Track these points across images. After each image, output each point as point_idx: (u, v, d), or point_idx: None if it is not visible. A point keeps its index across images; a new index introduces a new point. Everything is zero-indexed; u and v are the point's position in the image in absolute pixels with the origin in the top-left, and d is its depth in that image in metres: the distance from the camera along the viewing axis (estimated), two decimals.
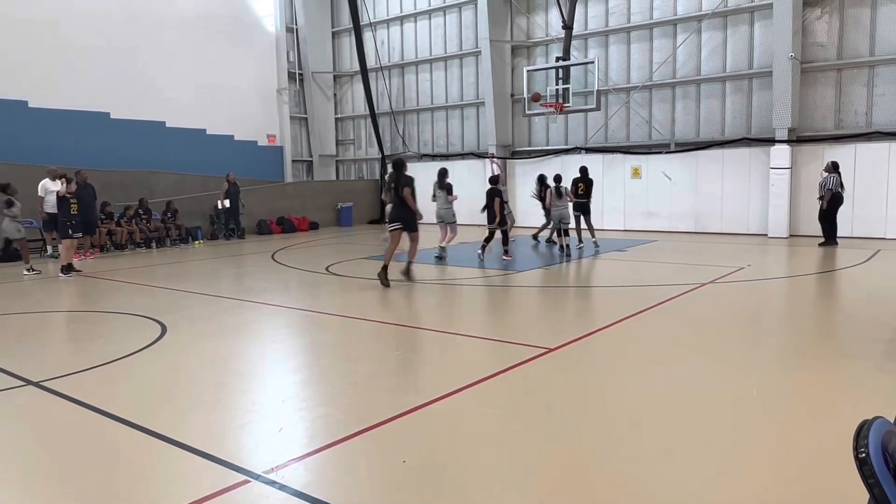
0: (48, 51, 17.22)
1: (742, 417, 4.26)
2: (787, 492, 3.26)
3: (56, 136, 17.03)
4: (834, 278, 10.33)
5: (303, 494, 3.23)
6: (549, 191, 13.28)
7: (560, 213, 12.96)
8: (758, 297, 8.69)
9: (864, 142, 15.18)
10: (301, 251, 15.25)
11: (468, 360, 5.84)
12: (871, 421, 1.25)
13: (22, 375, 5.36)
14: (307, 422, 4.31)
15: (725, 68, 17.09)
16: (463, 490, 3.31)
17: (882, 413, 1.38)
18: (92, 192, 13.66)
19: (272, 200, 20.87)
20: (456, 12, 21.96)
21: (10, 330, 7.49)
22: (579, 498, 3.23)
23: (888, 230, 14.91)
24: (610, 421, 4.25)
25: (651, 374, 5.25)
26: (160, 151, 19.15)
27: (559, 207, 12.96)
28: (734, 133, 17.10)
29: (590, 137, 19.52)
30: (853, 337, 6.37)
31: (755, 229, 16.49)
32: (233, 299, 8.90)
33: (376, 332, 6.99)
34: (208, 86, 21.06)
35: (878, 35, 14.96)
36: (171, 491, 3.33)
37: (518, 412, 4.49)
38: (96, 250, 15.03)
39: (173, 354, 6.25)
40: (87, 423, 4.34)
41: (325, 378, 5.36)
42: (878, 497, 1.15)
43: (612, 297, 9.12)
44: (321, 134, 25.44)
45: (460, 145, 22.62)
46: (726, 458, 3.63)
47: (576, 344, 6.16)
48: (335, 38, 25.49)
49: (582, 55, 18.88)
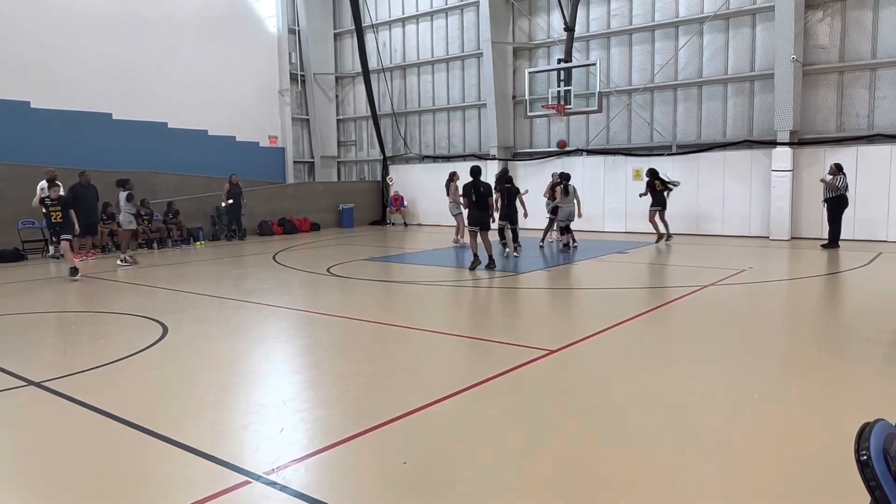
0: (50, 52, 17.25)
1: (743, 420, 4.25)
2: (788, 493, 3.26)
3: (58, 136, 17.06)
4: (835, 281, 10.32)
5: (303, 495, 3.23)
6: (559, 188, 13.43)
7: (569, 210, 13.14)
8: (759, 300, 8.69)
9: (865, 144, 15.17)
10: (302, 252, 15.26)
11: (469, 362, 5.84)
12: (872, 423, 1.25)
13: (23, 375, 5.37)
14: (308, 423, 4.31)
15: (727, 70, 17.09)
16: (463, 491, 3.31)
17: (883, 416, 1.38)
18: (94, 193, 13.62)
19: (273, 201, 20.89)
20: (458, 14, 21.98)
21: (11, 330, 7.50)
22: (579, 499, 3.23)
23: (890, 233, 14.89)
24: (610, 423, 4.25)
25: (652, 377, 5.24)
26: (162, 152, 19.18)
27: (567, 205, 13.09)
28: (736, 135, 17.10)
29: (591, 139, 19.52)
30: (854, 340, 6.36)
31: (756, 231, 16.48)
32: (234, 300, 8.91)
33: (377, 334, 6.99)
34: (210, 87, 21.08)
35: (879, 37, 14.95)
36: (172, 491, 3.34)
37: (518, 414, 4.49)
38: (97, 251, 15.04)
39: (174, 355, 6.26)
40: (88, 424, 4.35)
41: (326, 379, 5.36)
42: (879, 499, 1.15)
43: (613, 299, 9.12)
44: (323, 135, 25.47)
45: (462, 147, 22.63)
46: (727, 461, 3.63)
47: (576, 346, 6.15)
48: (337, 39, 25.53)
49: (583, 57, 18.89)
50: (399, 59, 23.69)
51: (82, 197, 12.88)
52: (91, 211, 13.43)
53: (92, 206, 13.51)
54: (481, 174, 11.03)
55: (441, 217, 22.67)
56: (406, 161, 24.00)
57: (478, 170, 11.00)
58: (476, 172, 10.93)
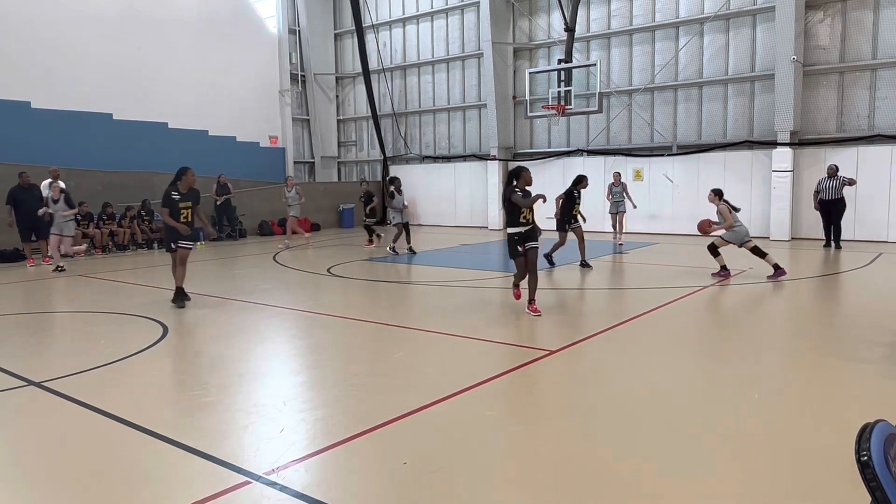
0: (51, 52, 17.26)
1: (743, 420, 4.25)
2: (788, 494, 3.25)
3: (59, 137, 17.06)
4: (836, 281, 10.32)
5: (304, 496, 3.23)
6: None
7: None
8: (760, 300, 8.68)
9: (865, 145, 15.17)
10: (303, 253, 15.26)
11: (469, 362, 5.83)
12: (872, 424, 1.25)
13: (23, 376, 5.37)
14: (308, 423, 4.31)
15: (727, 71, 17.09)
16: (463, 492, 3.31)
17: (884, 416, 1.38)
18: (37, 195, 12.82)
19: (274, 201, 20.87)
20: (458, 14, 21.99)
21: (11, 330, 7.50)
22: (579, 499, 3.22)
23: (890, 233, 14.90)
24: (611, 423, 4.25)
25: (652, 377, 5.24)
26: (162, 152, 19.16)
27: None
28: (736, 136, 17.10)
29: (592, 140, 19.52)
30: (855, 340, 6.35)
31: (757, 232, 16.44)
32: (234, 300, 8.91)
33: (377, 334, 6.99)
34: (211, 87, 21.09)
35: (880, 38, 14.95)
36: (172, 492, 3.33)
37: (519, 414, 4.49)
38: (46, 258, 13.36)
39: (175, 355, 6.26)
40: (89, 424, 4.34)
41: (327, 380, 5.36)
42: (879, 500, 1.15)
43: (613, 299, 9.12)
44: (323, 135, 25.47)
45: (462, 147, 22.63)
46: (727, 461, 3.63)
47: (577, 346, 6.15)
48: (337, 39, 25.54)
49: (584, 57, 18.90)
50: (399, 59, 23.70)
51: (21, 200, 12.50)
52: (32, 214, 12.63)
53: (33, 209, 12.63)
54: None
55: (441, 217, 22.70)
56: (406, 161, 24.00)
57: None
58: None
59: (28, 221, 12.78)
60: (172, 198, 8.32)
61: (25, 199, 12.67)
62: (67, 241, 12.58)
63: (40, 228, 12.96)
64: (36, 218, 12.82)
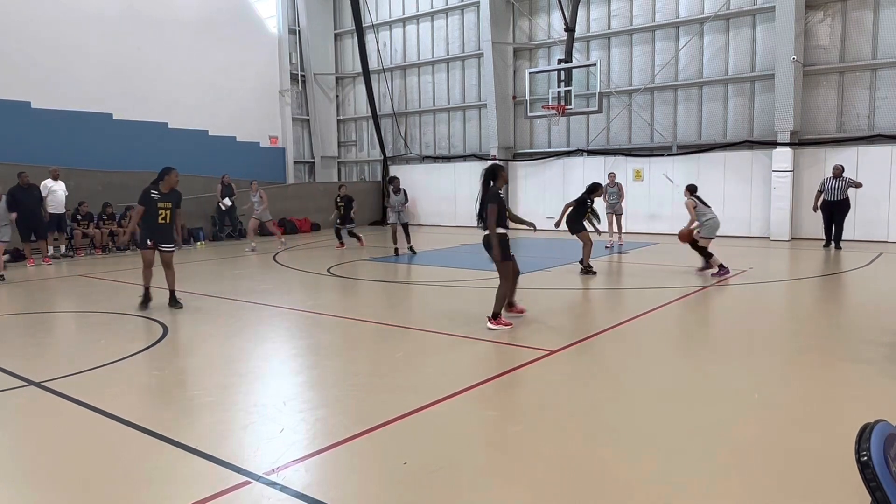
0: (51, 52, 17.25)
1: (743, 420, 4.25)
2: (788, 494, 3.25)
3: (59, 137, 17.05)
4: (836, 281, 10.31)
5: (304, 496, 3.24)
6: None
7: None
8: (760, 300, 8.68)
9: (866, 145, 15.17)
10: (303, 253, 15.26)
11: (469, 362, 5.84)
12: (872, 424, 1.25)
13: (23, 376, 5.37)
14: (308, 423, 4.31)
15: (727, 71, 17.09)
16: (463, 492, 3.31)
17: (884, 416, 1.38)
18: (37, 195, 13.04)
19: (274, 202, 20.75)
20: (458, 14, 21.98)
21: (11, 330, 7.50)
22: (579, 499, 3.22)
23: (890, 233, 14.90)
24: (610, 423, 4.25)
25: (652, 377, 5.25)
26: (163, 153, 19.08)
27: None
28: (736, 136, 17.10)
29: (592, 140, 19.52)
30: (855, 340, 6.36)
31: (757, 232, 16.48)
32: (234, 300, 8.91)
33: (377, 334, 6.99)
34: (211, 87, 21.08)
35: (880, 38, 14.95)
36: (172, 492, 3.34)
37: (518, 414, 4.49)
38: (46, 259, 13.53)
39: (174, 355, 6.26)
40: (88, 424, 4.35)
41: (327, 380, 5.36)
42: (879, 500, 1.15)
43: (613, 299, 9.12)
44: (323, 135, 25.47)
45: (462, 147, 22.63)
46: (727, 461, 3.63)
47: (577, 346, 6.15)
48: (337, 39, 25.53)
49: (584, 57, 18.89)
50: (399, 59, 23.70)
51: (22, 200, 12.48)
52: (33, 214, 12.86)
53: (34, 209, 12.90)
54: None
55: (441, 217, 22.70)
56: (406, 161, 24.00)
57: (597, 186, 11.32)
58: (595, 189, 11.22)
59: (28, 221, 12.81)
60: (151, 196, 8.20)
61: (25, 199, 12.69)
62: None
63: (40, 228, 13.20)
64: (35, 218, 12.95)
